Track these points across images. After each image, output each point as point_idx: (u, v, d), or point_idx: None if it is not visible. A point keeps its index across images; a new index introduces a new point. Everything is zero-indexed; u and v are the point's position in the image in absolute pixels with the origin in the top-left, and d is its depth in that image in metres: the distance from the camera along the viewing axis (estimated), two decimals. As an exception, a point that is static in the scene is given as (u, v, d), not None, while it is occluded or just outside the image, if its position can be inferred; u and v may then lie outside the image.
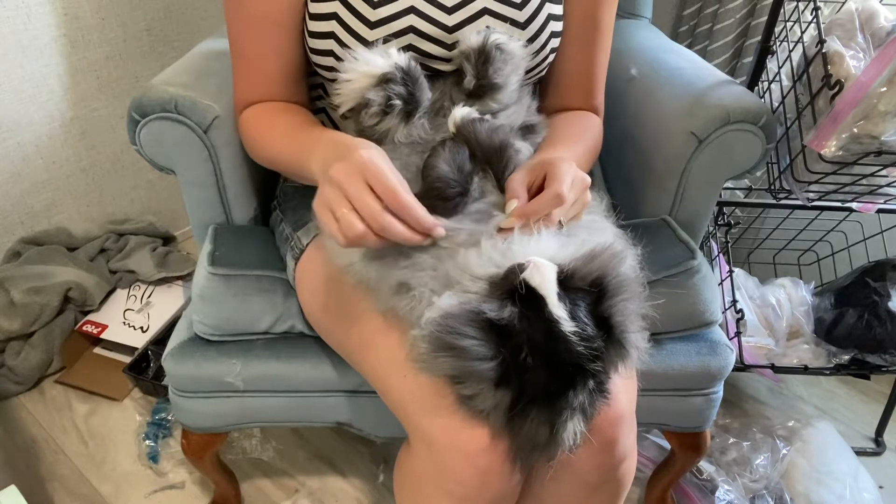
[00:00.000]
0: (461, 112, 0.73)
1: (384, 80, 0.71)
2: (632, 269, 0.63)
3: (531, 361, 0.56)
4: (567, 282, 0.58)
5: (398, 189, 0.60)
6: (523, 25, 0.80)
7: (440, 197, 0.66)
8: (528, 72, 0.83)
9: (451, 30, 0.78)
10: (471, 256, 0.62)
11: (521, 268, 0.57)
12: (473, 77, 0.76)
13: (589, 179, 0.70)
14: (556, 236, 0.63)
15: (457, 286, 0.61)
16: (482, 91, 0.77)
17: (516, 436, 0.60)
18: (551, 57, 0.85)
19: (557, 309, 0.56)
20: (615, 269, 0.59)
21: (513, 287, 0.57)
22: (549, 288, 0.56)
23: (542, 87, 0.92)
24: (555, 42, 0.84)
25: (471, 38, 0.76)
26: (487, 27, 0.78)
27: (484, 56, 0.75)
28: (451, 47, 0.79)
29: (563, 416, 0.56)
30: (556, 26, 0.83)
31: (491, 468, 0.63)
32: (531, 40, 0.81)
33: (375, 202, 0.59)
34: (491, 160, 0.71)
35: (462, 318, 0.56)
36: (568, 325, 0.55)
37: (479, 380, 0.57)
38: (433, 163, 0.69)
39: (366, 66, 0.71)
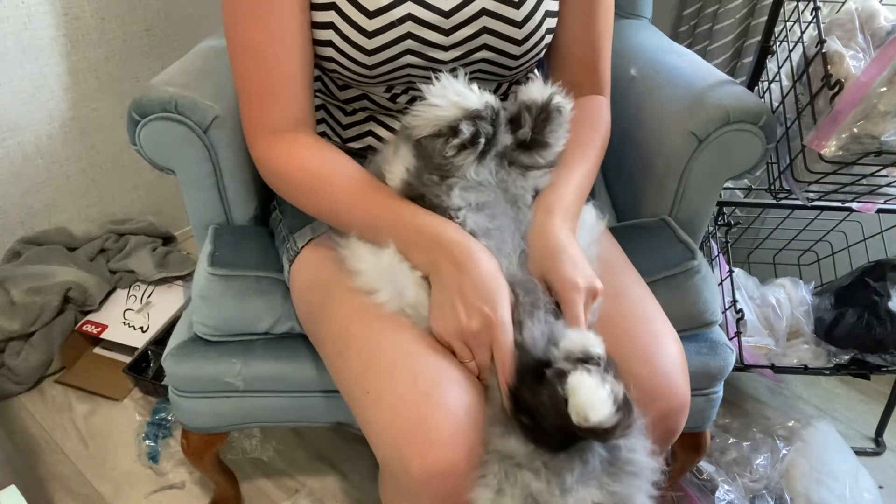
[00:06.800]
0: (591, 407, 0.58)
1: (474, 117, 0.71)
2: None
3: None
4: None
5: (508, 363, 0.65)
6: (520, 24, 0.80)
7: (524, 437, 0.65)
8: (521, 66, 0.84)
9: (447, 14, 0.79)
10: (532, 483, 0.62)
11: None
12: (530, 130, 0.77)
13: (599, 285, 0.70)
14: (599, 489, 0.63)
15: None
16: (533, 144, 0.78)
17: None
18: (542, 53, 0.86)
19: None
20: None
21: None
22: None
23: (547, 62, 0.92)
24: (549, 38, 0.84)
25: (533, 91, 0.77)
26: (551, 91, 0.77)
27: (545, 114, 0.76)
28: (448, 33, 0.79)
29: None
30: (552, 23, 0.83)
31: (445, 492, 0.62)
32: (528, 38, 0.81)
33: (488, 359, 0.67)
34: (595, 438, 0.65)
35: None
36: None
37: None
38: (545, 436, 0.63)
39: (457, 97, 0.71)
